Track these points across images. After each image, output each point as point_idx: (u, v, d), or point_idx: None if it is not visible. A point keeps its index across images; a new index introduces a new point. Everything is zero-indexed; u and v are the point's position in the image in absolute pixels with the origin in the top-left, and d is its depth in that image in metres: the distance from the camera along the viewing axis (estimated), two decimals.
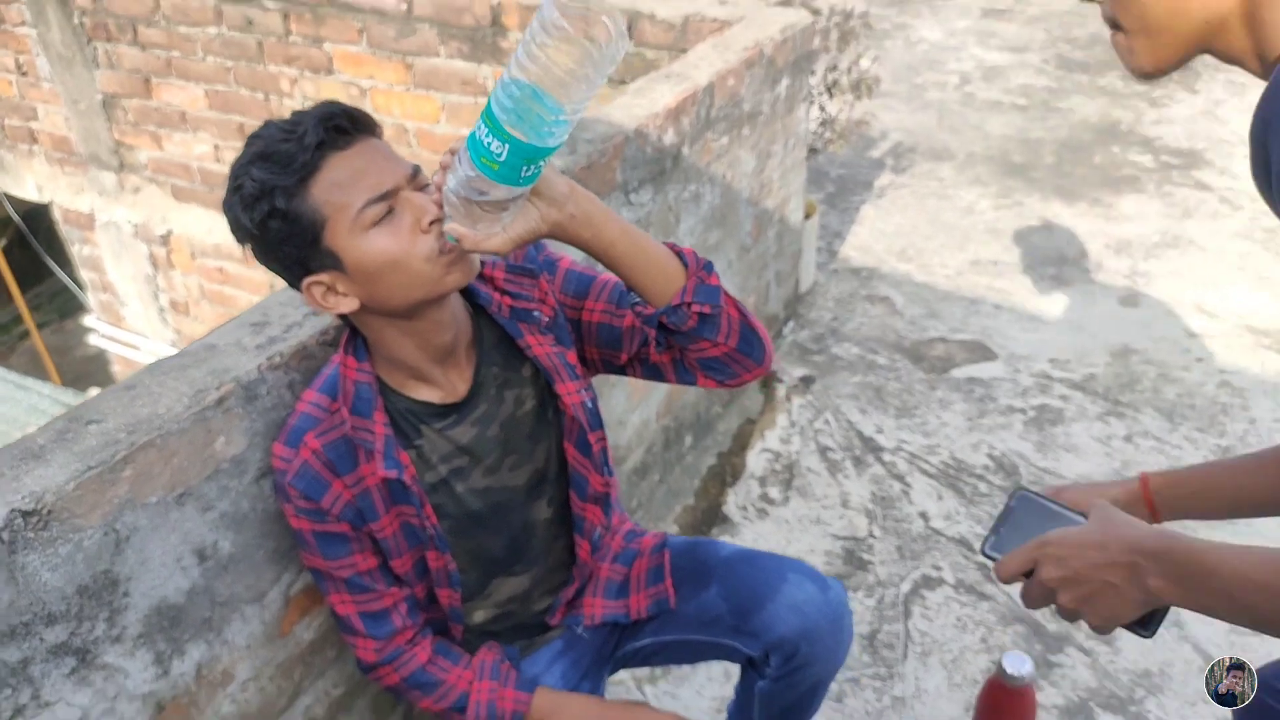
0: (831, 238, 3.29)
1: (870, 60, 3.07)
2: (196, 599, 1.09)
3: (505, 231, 0.91)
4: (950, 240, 3.26)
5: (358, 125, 0.97)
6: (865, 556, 2.00)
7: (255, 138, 0.97)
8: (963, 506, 2.12)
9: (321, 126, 0.94)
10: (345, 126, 0.96)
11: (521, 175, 0.85)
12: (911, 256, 3.17)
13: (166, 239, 3.88)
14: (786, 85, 2.30)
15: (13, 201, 4.45)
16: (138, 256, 4.02)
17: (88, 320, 4.53)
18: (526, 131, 0.82)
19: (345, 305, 1.00)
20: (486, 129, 0.83)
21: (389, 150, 1.00)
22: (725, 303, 1.05)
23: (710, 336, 1.05)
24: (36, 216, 4.68)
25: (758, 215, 2.32)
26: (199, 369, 1.09)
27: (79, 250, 4.25)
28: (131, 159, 3.78)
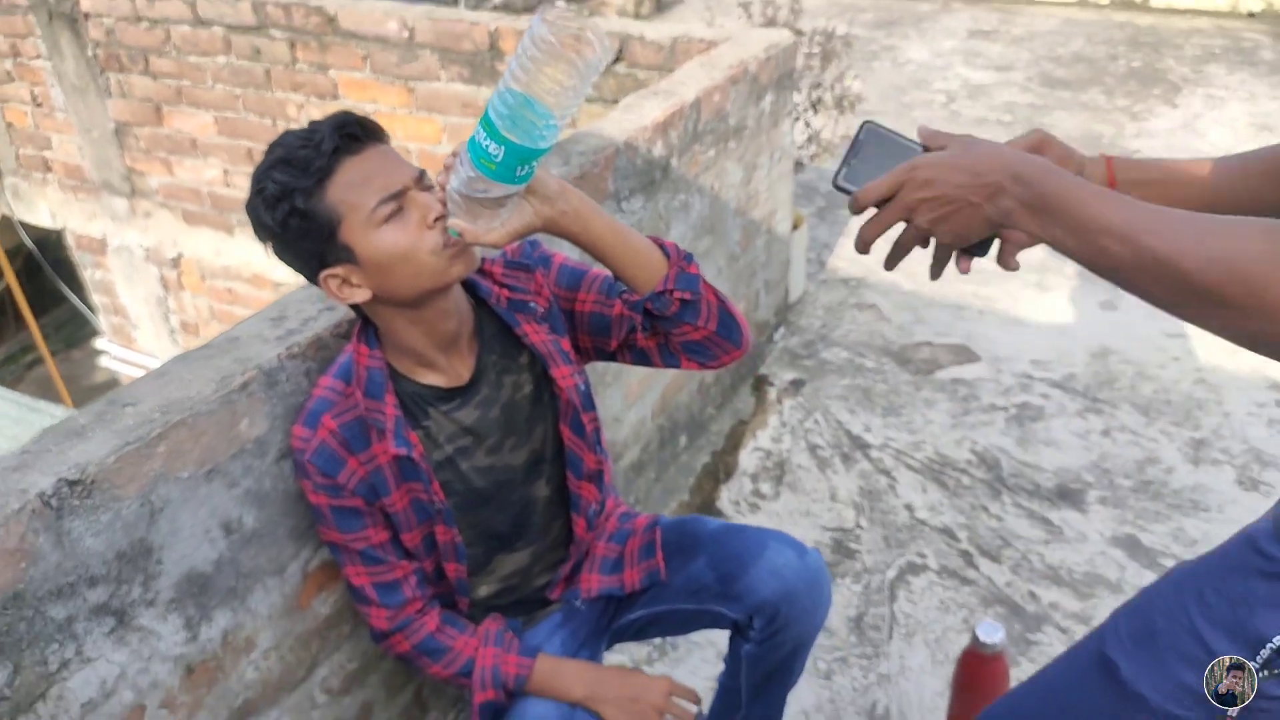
0: (821, 249, 3.40)
1: (853, 78, 3.20)
2: (223, 569, 1.18)
3: (503, 226, 1.02)
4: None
5: (369, 132, 1.08)
6: (853, 546, 2.08)
7: (276, 145, 1.07)
8: (946, 498, 2.21)
9: (337, 133, 1.04)
10: (358, 133, 1.06)
11: (517, 174, 0.95)
12: (899, 265, 3.26)
13: (177, 261, 4.00)
14: (771, 101, 2.42)
15: (25, 229, 4.57)
16: (149, 279, 4.14)
17: (99, 343, 4.64)
18: (520, 135, 0.92)
19: (359, 296, 1.10)
20: (485, 133, 0.93)
21: (397, 155, 1.10)
22: (704, 290, 1.15)
23: (692, 321, 1.15)
24: (44, 245, 4.80)
25: (746, 225, 2.43)
26: (224, 358, 1.19)
27: (91, 274, 4.37)
28: (143, 185, 3.91)
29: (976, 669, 1.48)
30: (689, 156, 2.06)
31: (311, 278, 1.11)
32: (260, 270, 3.79)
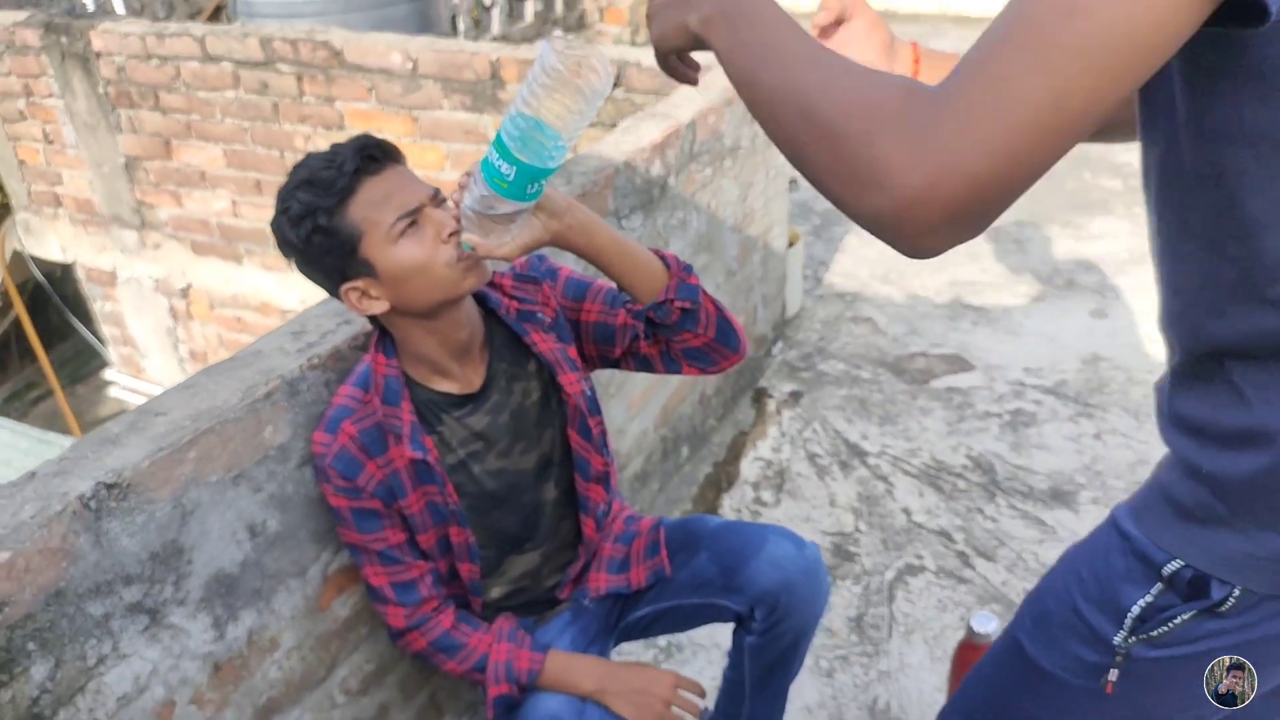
0: (817, 266, 3.47)
1: None
2: (249, 570, 1.24)
3: (513, 240, 1.09)
4: (930, 264, 3.44)
5: (387, 154, 1.15)
6: (852, 549, 2.14)
7: (300, 167, 1.15)
8: (943, 502, 2.26)
9: (358, 155, 1.12)
10: (377, 155, 1.14)
11: (527, 192, 1.03)
12: (893, 280, 3.34)
13: (186, 292, 4.08)
14: None
15: (36, 263, 4.66)
16: (158, 310, 4.21)
17: (108, 373, 4.71)
18: (531, 156, 0.99)
19: (377, 307, 1.17)
20: (497, 154, 1.00)
21: (413, 175, 1.18)
22: (703, 299, 1.22)
23: (692, 329, 1.22)
24: (50, 280, 4.88)
25: (743, 241, 2.50)
26: (248, 369, 1.26)
27: (101, 306, 4.45)
28: (152, 217, 3.99)
29: (972, 659, 1.53)
30: (686, 175, 2.14)
31: (333, 291, 1.18)
32: (268, 298, 3.87)
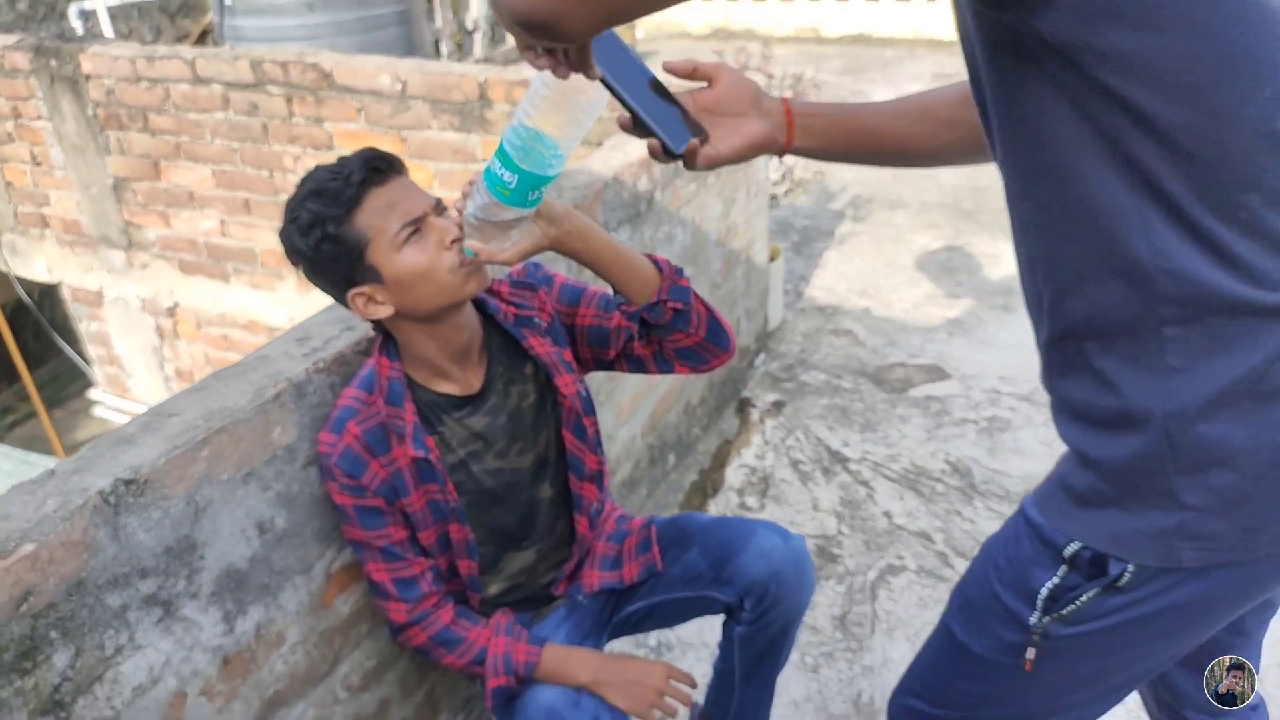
0: (798, 280, 3.56)
1: None
2: (257, 566, 1.29)
3: (514, 246, 1.16)
4: (907, 278, 3.54)
5: (392, 166, 1.22)
6: (835, 551, 2.20)
7: (308, 179, 1.21)
8: (923, 505, 2.33)
9: (364, 167, 1.18)
10: (382, 166, 1.20)
11: (528, 198, 1.09)
12: (872, 294, 3.43)
13: (173, 311, 4.10)
14: None
15: (22, 284, 4.67)
16: (145, 329, 4.23)
17: (93, 393, 4.72)
18: (531, 164, 1.06)
19: (382, 312, 1.23)
20: (500, 163, 1.07)
21: (416, 186, 1.24)
22: (694, 300, 1.29)
23: (684, 328, 1.29)
24: (34, 300, 4.89)
25: (726, 255, 2.58)
26: (257, 373, 1.31)
27: (87, 326, 4.46)
28: (140, 237, 4.02)
29: None
30: (671, 190, 2.22)
31: (339, 297, 1.24)
32: (256, 316, 3.90)
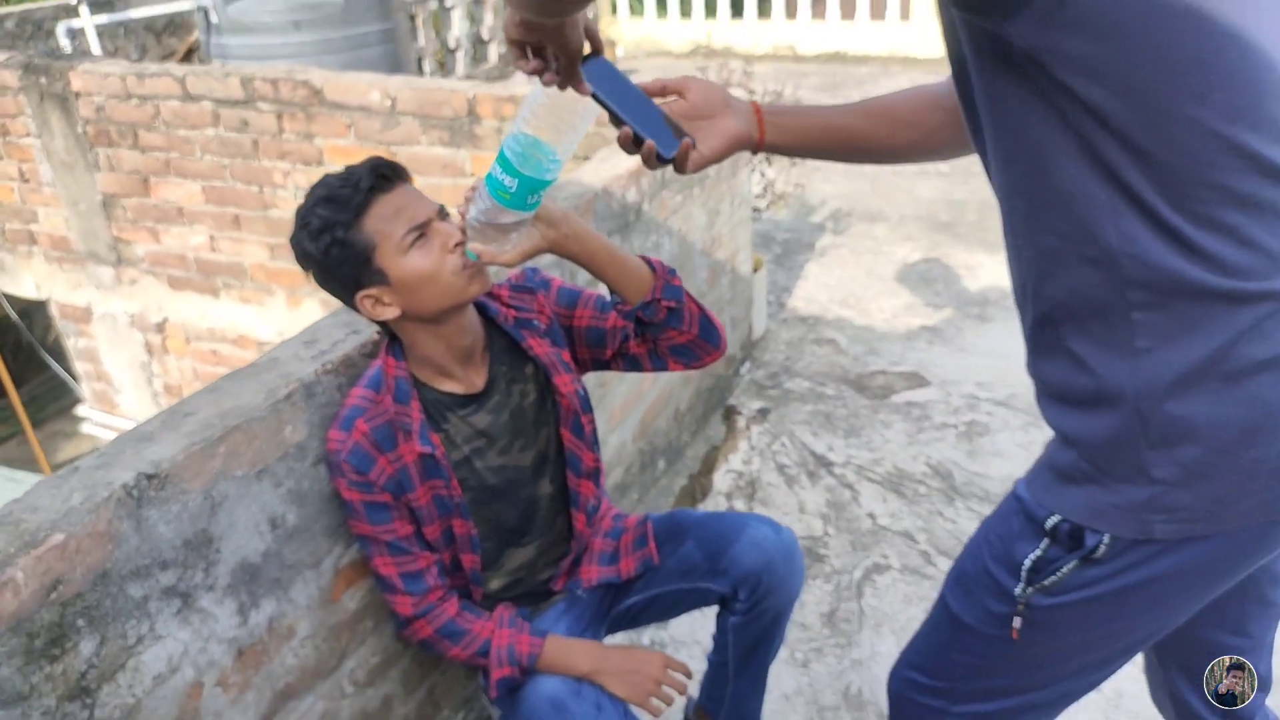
0: (780, 292, 3.64)
1: None
2: (270, 560, 1.33)
3: (514, 248, 1.22)
4: (887, 289, 3.63)
5: (397, 174, 1.28)
6: (822, 551, 2.26)
7: (318, 186, 1.27)
8: (905, 506, 2.40)
9: (372, 174, 1.24)
10: (389, 174, 1.26)
11: (528, 202, 1.16)
12: (853, 304, 3.52)
13: (162, 326, 4.12)
14: None
15: (9, 300, 4.67)
16: (133, 344, 4.25)
17: (81, 409, 4.72)
18: (530, 169, 1.12)
19: (389, 313, 1.29)
20: (501, 169, 1.13)
21: (420, 193, 1.30)
22: (687, 299, 1.36)
23: (677, 326, 1.35)
24: (22, 318, 4.89)
25: (711, 264, 2.65)
26: (269, 374, 1.36)
27: (75, 343, 4.47)
28: (129, 253, 4.05)
29: None
30: (658, 201, 2.29)
31: (348, 300, 1.29)
32: (245, 331, 3.93)
